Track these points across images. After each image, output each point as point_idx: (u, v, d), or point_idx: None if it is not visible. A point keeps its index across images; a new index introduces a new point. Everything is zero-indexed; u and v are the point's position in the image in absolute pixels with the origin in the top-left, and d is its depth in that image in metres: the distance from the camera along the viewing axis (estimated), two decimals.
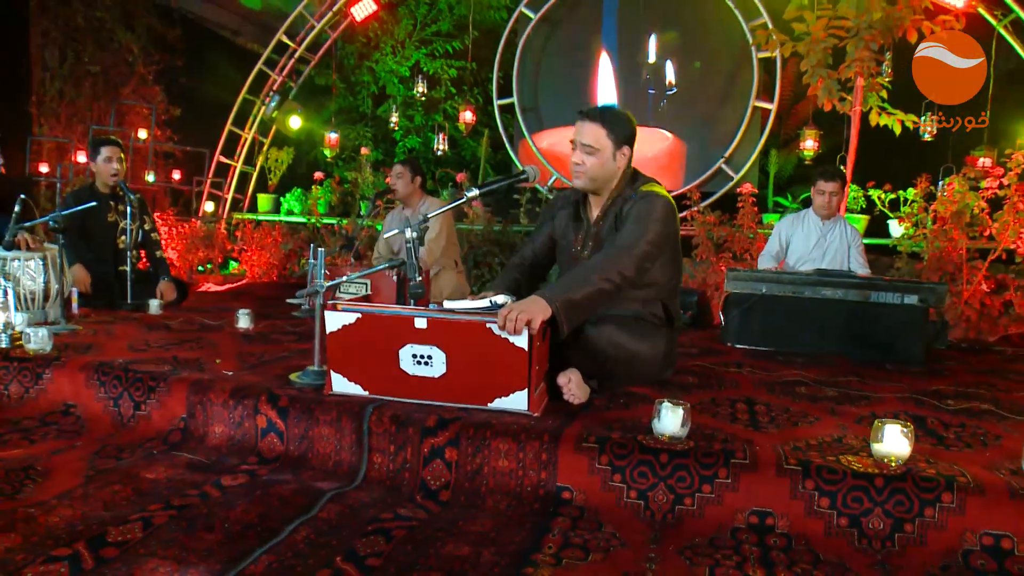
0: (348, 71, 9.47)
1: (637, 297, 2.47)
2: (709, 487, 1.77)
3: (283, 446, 2.11)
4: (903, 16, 5.28)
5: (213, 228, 6.56)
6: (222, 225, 6.68)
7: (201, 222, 6.48)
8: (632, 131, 2.46)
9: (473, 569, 1.50)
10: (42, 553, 1.48)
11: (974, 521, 1.64)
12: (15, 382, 2.54)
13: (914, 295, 3.46)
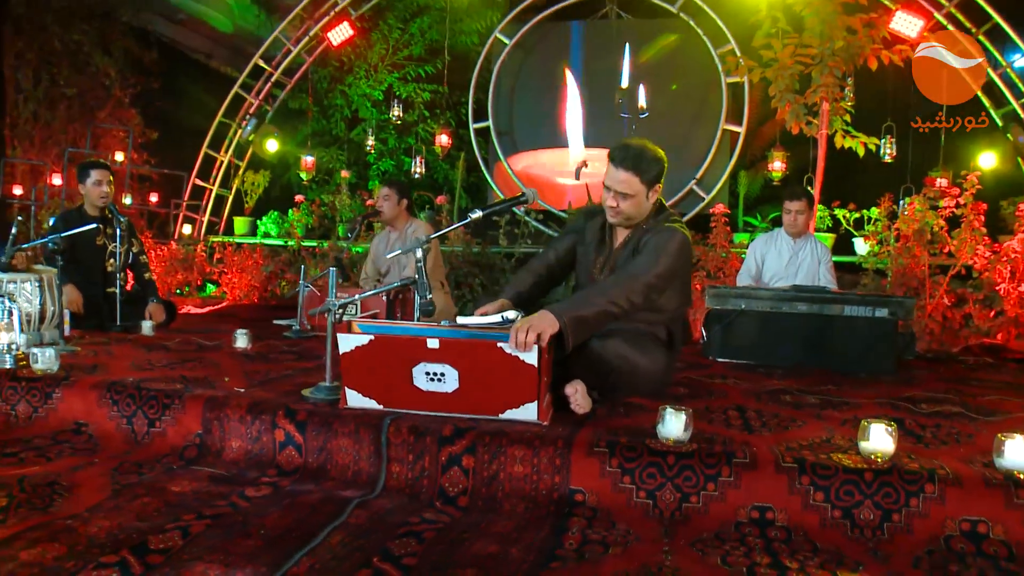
0: (321, 95, 9.58)
1: (643, 319, 2.61)
2: (713, 485, 1.92)
3: (302, 458, 2.20)
4: (863, 45, 5.60)
5: (192, 251, 6.58)
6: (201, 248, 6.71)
7: (179, 245, 6.50)
8: (662, 168, 2.58)
9: (504, 564, 1.61)
10: (91, 560, 1.55)
11: (954, 509, 1.81)
12: (23, 402, 2.58)
13: (884, 308, 3.68)
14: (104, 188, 4.25)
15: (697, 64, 7.55)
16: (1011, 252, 5.34)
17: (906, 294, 5.15)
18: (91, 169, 4.27)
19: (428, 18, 9.63)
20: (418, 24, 9.61)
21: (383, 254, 4.65)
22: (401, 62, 9.56)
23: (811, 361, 3.71)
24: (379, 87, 9.48)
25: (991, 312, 5.29)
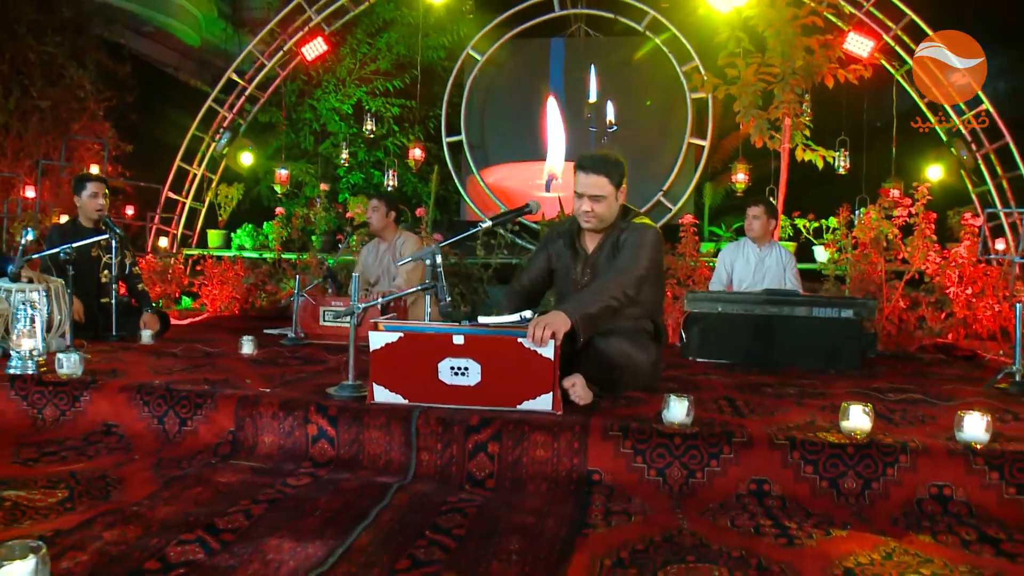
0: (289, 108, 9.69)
1: (630, 315, 2.87)
2: (716, 462, 2.17)
3: (334, 451, 2.38)
4: (821, 64, 6.01)
5: (169, 263, 6.64)
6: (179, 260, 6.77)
7: (156, 257, 6.55)
8: (624, 170, 2.88)
9: (543, 532, 1.83)
10: (171, 537, 1.72)
11: (924, 476, 2.09)
12: (50, 406, 2.71)
13: (850, 309, 4.02)
14: (100, 200, 4.36)
15: (662, 80, 7.91)
16: (958, 258, 5.78)
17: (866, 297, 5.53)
18: (87, 182, 4.38)
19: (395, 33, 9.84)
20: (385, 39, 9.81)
21: (372, 264, 4.84)
22: (368, 76, 9.74)
23: (784, 359, 4.01)
24: (348, 101, 9.64)
25: (942, 314, 5.71)
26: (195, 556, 1.62)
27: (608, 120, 8.05)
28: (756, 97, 6.15)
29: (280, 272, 6.43)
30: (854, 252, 6.01)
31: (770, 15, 5.99)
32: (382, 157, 9.99)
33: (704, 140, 7.70)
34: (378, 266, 4.79)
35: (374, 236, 4.94)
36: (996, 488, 2.07)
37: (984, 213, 6.88)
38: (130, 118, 7.18)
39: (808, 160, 6.42)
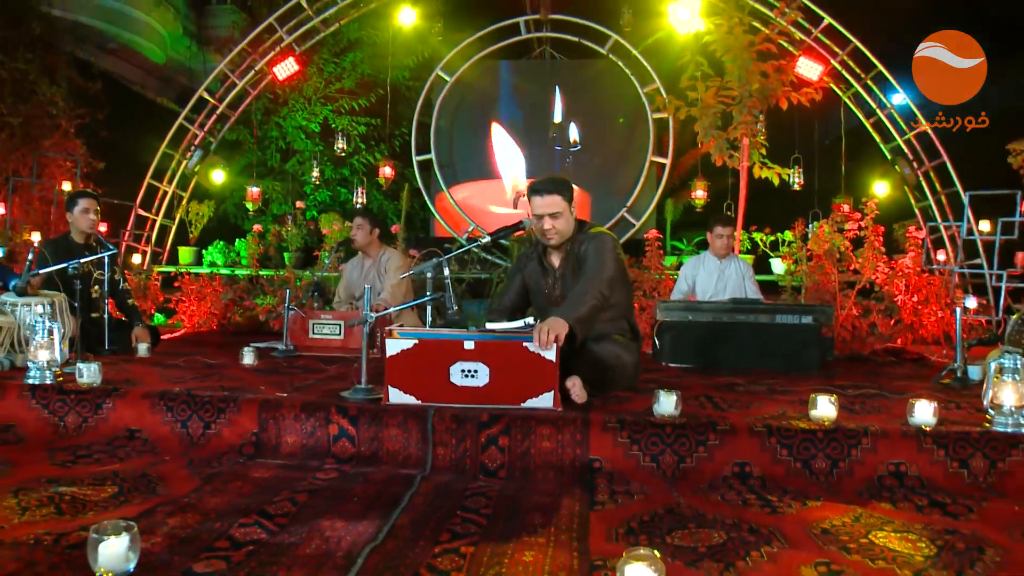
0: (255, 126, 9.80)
1: (605, 317, 3.16)
2: (703, 448, 2.46)
3: (355, 448, 2.60)
4: (776, 87, 6.44)
5: (145, 280, 6.72)
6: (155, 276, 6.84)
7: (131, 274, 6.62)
8: (572, 187, 3.22)
9: (560, 509, 2.09)
10: (232, 521, 1.93)
11: (882, 455, 2.41)
12: (72, 413, 2.87)
13: (809, 316, 4.39)
14: (91, 216, 4.50)
15: (625, 101, 8.29)
16: (905, 268, 6.26)
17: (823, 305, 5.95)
18: (79, 198, 4.52)
19: (360, 53, 10.07)
20: (351, 58, 10.03)
21: (357, 279, 5.05)
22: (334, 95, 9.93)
23: (750, 362, 4.35)
24: (315, 119, 9.81)
25: (891, 320, 6.15)
26: (258, 536, 1.84)
27: (572, 139, 8.40)
28: (716, 118, 6.55)
29: (257, 288, 6.56)
30: (809, 264, 6.44)
31: (728, 41, 6.42)
32: (348, 175, 10.19)
33: (665, 158, 8.09)
34: (363, 281, 4.99)
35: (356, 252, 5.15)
36: (942, 463, 2.40)
37: (926, 226, 7.43)
38: (101, 135, 7.24)
39: (764, 177, 6.85)
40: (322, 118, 9.72)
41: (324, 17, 7.85)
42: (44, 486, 2.18)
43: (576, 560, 1.71)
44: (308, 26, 7.87)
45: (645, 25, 7.86)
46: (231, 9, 10.69)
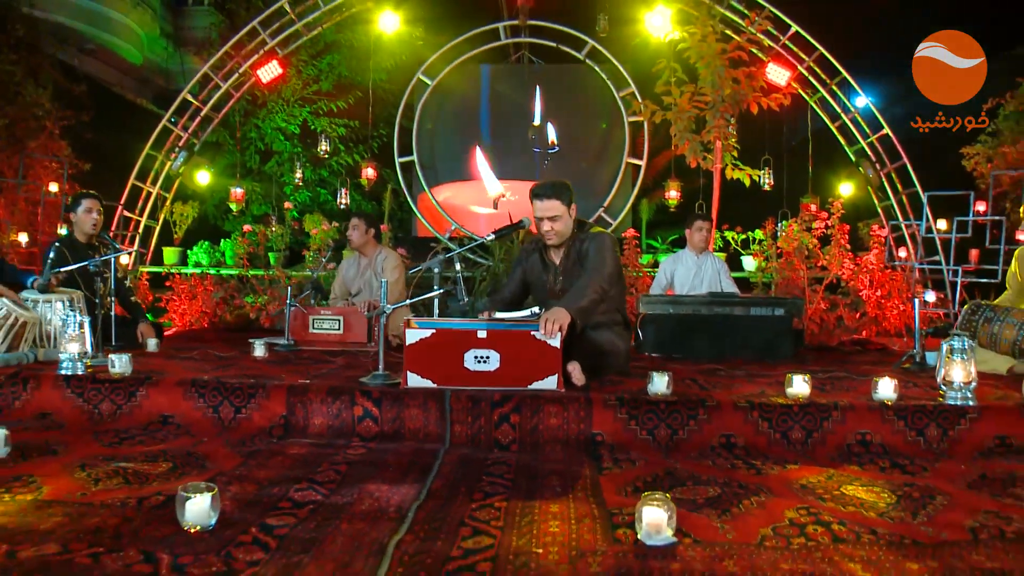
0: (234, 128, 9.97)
1: (601, 309, 3.48)
2: (694, 422, 2.79)
3: (378, 427, 2.88)
4: (747, 93, 6.84)
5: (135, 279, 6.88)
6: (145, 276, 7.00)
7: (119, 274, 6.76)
8: (571, 191, 3.51)
9: (572, 472, 2.40)
10: (288, 487, 2.20)
11: (851, 426, 2.77)
12: (107, 401, 3.10)
13: (782, 308, 4.76)
14: (94, 216, 4.71)
15: (601, 105, 8.66)
16: (869, 265, 6.69)
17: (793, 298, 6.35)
18: (82, 199, 4.72)
19: (337, 55, 10.30)
20: (328, 60, 10.25)
21: (354, 277, 5.31)
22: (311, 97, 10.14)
23: (727, 351, 4.71)
24: (295, 121, 10.02)
25: (857, 314, 6.58)
26: (314, 497, 2.12)
27: (551, 141, 8.73)
28: (690, 122, 6.93)
29: (248, 287, 6.77)
30: (779, 261, 6.84)
31: (702, 48, 6.79)
32: (326, 175, 10.42)
33: (640, 160, 8.47)
34: (360, 279, 5.26)
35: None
36: (902, 432, 2.76)
37: (888, 225, 7.89)
38: (86, 137, 7.37)
39: (736, 178, 7.25)
40: (301, 120, 9.92)
41: (307, 22, 8.07)
42: (103, 463, 2.43)
43: (595, 509, 2.02)
44: (291, 30, 8.08)
45: (621, 31, 8.23)
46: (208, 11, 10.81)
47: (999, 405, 2.91)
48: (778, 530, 1.87)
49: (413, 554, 1.68)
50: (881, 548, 1.76)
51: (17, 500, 2.02)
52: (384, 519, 1.93)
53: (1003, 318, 3.81)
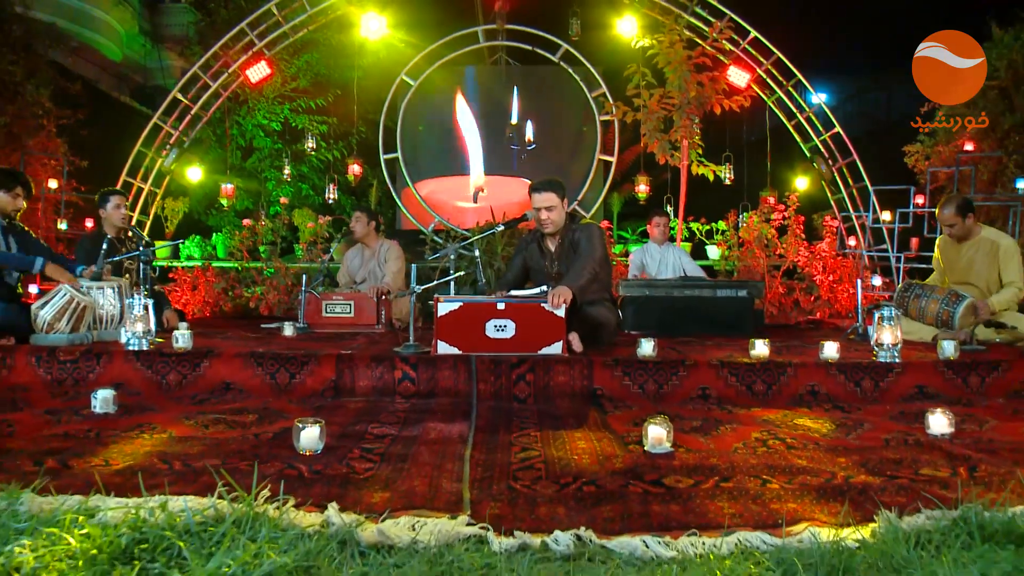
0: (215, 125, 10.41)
1: (594, 289, 4.17)
2: (676, 377, 3.49)
3: (415, 387, 3.52)
4: (710, 95, 7.60)
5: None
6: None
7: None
8: (564, 187, 4.23)
9: (584, 414, 3.08)
10: (364, 425, 2.83)
11: (802, 380, 3.50)
12: (173, 372, 3.67)
13: (744, 290, 5.51)
14: (122, 211, 5.24)
15: (575, 105, 9.34)
16: (822, 253, 7.52)
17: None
18: (110, 195, 5.24)
19: (316, 53, 10.82)
20: (306, 58, 10.76)
21: (358, 267, 5.91)
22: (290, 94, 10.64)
23: (697, 328, 5.44)
24: (276, 119, 10.51)
25: (812, 297, 7.41)
26: (390, 432, 2.75)
27: (527, 138, 9.40)
28: (659, 123, 7.67)
29: (247, 278, 7.30)
30: (740, 249, 7.64)
31: (670, 54, 7.53)
32: (306, 171, 10.93)
33: (611, 157, 9.18)
34: (364, 268, 5.86)
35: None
36: (843, 384, 3.51)
37: (840, 216, 8.74)
38: (82, 134, 7.79)
39: (701, 173, 8.01)
40: (283, 117, 10.42)
41: (293, 24, 8.58)
42: (199, 416, 3.02)
43: (609, 434, 2.70)
44: (278, 32, 8.59)
45: (593, 35, 8.93)
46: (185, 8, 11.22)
47: (919, 362, 3.67)
48: (747, 444, 2.58)
49: (483, 461, 2.34)
50: (820, 451, 2.48)
51: (156, 438, 2.62)
52: (451, 442, 2.58)
53: (928, 295, 4.61)
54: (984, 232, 4.80)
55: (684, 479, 2.12)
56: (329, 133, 10.73)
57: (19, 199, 4.56)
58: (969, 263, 4.79)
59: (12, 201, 4.53)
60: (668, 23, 7.85)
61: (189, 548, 1.47)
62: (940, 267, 5.02)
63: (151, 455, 2.34)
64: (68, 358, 3.74)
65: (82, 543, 1.46)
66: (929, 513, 1.75)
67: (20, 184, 4.55)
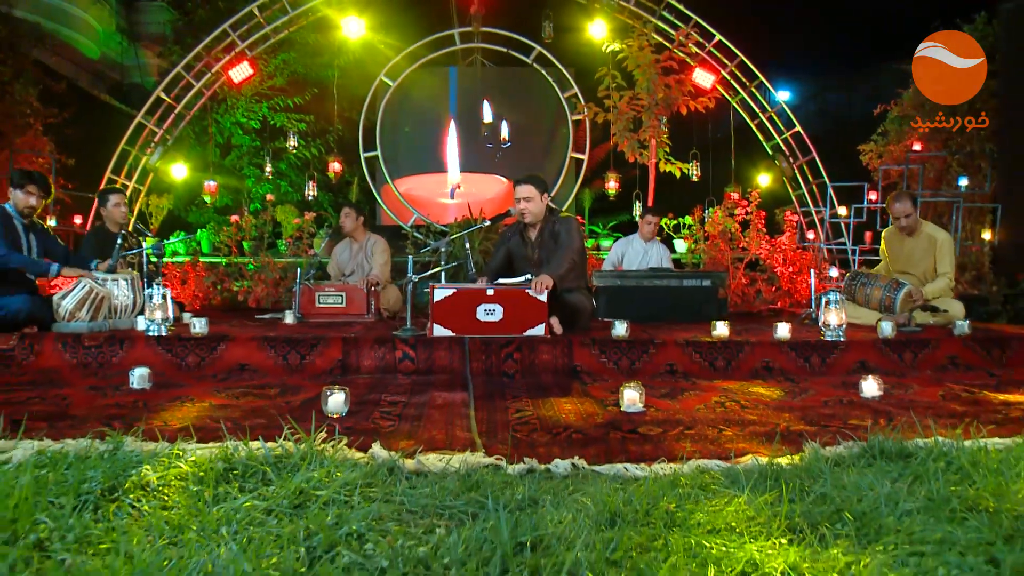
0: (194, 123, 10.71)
1: (572, 277, 4.66)
2: (646, 355, 3.99)
3: (415, 366, 3.98)
4: (677, 97, 8.14)
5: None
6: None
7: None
8: (545, 182, 4.72)
9: (558, 384, 3.57)
10: (378, 395, 3.29)
11: (759, 356, 4.02)
12: (192, 354, 4.08)
13: (708, 279, 6.05)
14: (122, 208, 5.60)
15: (548, 105, 9.84)
16: (782, 246, 8.10)
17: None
18: (110, 194, 5.62)
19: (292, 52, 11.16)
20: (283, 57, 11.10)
21: (347, 260, 6.33)
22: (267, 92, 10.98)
23: (665, 315, 5.96)
24: (255, 117, 10.84)
25: (773, 288, 7.99)
26: (401, 399, 3.21)
27: (502, 137, 9.88)
28: (628, 123, 8.20)
29: (236, 272, 7.67)
30: (706, 243, 8.19)
31: (639, 58, 8.06)
32: (284, 168, 11.28)
33: (583, 155, 9.70)
34: (352, 261, 6.29)
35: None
36: (794, 360, 4.04)
37: (800, 211, 9.34)
38: (67, 132, 8.09)
39: (668, 170, 8.56)
40: (261, 115, 10.76)
41: (275, 26, 8.94)
42: (227, 389, 3.45)
43: (589, 399, 3.19)
44: (259, 33, 8.95)
45: (565, 38, 9.43)
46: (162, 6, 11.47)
47: (861, 340, 4.23)
48: (707, 405, 3.08)
49: (486, 419, 2.81)
50: (769, 410, 2.99)
51: (198, 406, 3.05)
52: (456, 406, 3.05)
53: (873, 282, 5.18)
54: (924, 227, 5.38)
55: (655, 428, 2.62)
56: (307, 131, 11.09)
57: (32, 197, 4.88)
58: (910, 254, 5.37)
59: (25, 199, 4.85)
60: (638, 27, 8.38)
61: (272, 472, 1.92)
62: (886, 257, 5.59)
63: (201, 418, 2.77)
64: (92, 343, 4.13)
65: (191, 468, 1.90)
66: (846, 444, 2.27)
67: (34, 182, 4.88)
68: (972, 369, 4.21)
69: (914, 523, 1.56)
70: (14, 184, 4.83)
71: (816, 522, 1.58)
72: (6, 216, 4.73)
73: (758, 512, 1.62)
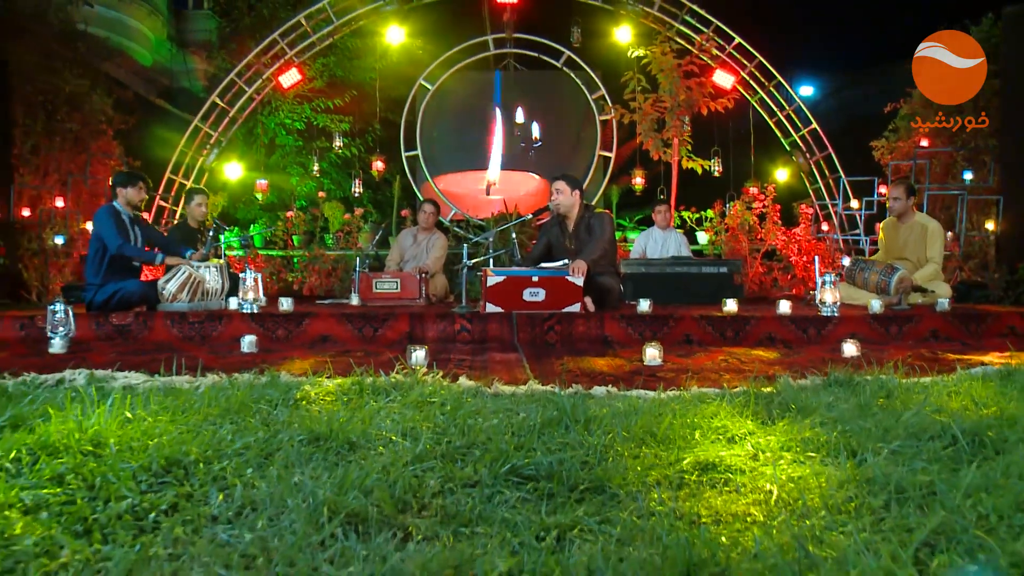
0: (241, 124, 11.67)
1: (604, 263, 5.51)
2: (666, 327, 4.83)
3: (470, 336, 4.85)
4: (698, 98, 8.95)
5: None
6: None
7: None
8: (577, 180, 5.59)
9: (599, 351, 4.42)
10: (445, 356, 4.16)
11: (763, 328, 4.84)
12: (281, 328, 4.98)
13: (725, 267, 6.87)
14: (203, 208, 6.53)
15: (576, 106, 10.68)
16: (797, 237, 8.88)
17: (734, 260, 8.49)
18: (195, 195, 6.55)
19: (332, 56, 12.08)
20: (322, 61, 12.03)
21: (409, 247, 7.24)
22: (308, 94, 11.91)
23: (685, 299, 6.78)
24: (298, 118, 11.79)
25: (788, 276, 8.77)
26: (464, 358, 4.08)
27: (534, 137, 10.73)
28: (653, 123, 9.02)
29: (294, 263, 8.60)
30: (726, 235, 8.99)
31: (662, 62, 8.87)
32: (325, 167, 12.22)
33: (610, 153, 10.52)
34: (413, 249, 7.20)
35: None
36: (794, 332, 4.86)
37: (817, 204, 10.10)
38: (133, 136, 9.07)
39: (690, 167, 9.37)
40: (305, 117, 11.70)
41: (321, 35, 9.86)
42: (320, 354, 4.34)
43: (618, 359, 4.04)
44: (307, 42, 9.87)
45: (592, 43, 10.27)
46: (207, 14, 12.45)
47: (853, 315, 5.03)
48: (714, 362, 3.92)
49: (537, 369, 3.67)
50: (764, 364, 3.83)
51: (304, 363, 3.94)
52: (511, 363, 3.92)
53: (871, 268, 5.97)
54: (917, 216, 6.16)
55: (670, 374, 3.47)
56: (348, 131, 12.01)
57: (142, 191, 5.78)
58: (904, 242, 6.15)
59: (138, 193, 5.74)
60: (662, 32, 9.19)
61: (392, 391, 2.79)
62: (884, 245, 6.37)
63: (314, 368, 3.66)
64: (196, 319, 5.04)
65: (334, 388, 2.78)
66: (813, 377, 3.10)
67: (141, 180, 5.79)
68: (950, 340, 5.00)
69: (843, 414, 2.39)
70: (122, 183, 5.73)
71: (772, 412, 2.42)
72: (116, 213, 5.65)
73: (733, 408, 2.47)
